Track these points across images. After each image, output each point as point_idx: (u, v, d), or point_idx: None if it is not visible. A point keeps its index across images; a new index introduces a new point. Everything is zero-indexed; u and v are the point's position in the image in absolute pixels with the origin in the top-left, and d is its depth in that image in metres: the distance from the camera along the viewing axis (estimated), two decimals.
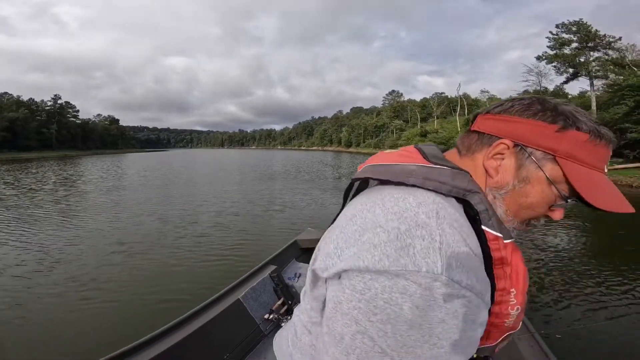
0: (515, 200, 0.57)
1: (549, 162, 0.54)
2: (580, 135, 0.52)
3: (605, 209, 0.52)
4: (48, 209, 9.68)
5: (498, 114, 0.57)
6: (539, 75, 34.62)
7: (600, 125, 0.54)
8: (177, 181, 17.82)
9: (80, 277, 4.76)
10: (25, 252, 5.82)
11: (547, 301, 4.17)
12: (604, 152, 0.54)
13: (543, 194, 0.55)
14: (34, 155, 55.03)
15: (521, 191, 0.56)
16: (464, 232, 0.49)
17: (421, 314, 0.43)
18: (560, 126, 0.53)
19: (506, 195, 0.57)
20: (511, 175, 0.56)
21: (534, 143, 0.54)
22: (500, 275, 0.54)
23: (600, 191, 0.53)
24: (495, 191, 0.58)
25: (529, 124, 0.54)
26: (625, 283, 4.63)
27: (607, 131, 0.54)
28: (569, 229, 7.69)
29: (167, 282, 4.62)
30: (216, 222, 8.10)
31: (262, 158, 51.68)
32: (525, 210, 0.57)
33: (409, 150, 0.63)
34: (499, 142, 0.56)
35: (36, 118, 70.46)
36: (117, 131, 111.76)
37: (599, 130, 0.53)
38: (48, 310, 3.89)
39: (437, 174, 0.55)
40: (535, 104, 0.55)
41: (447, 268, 0.44)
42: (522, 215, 0.58)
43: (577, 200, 0.55)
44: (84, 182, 17.26)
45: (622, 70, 25.01)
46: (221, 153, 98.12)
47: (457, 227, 0.48)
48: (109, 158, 52.45)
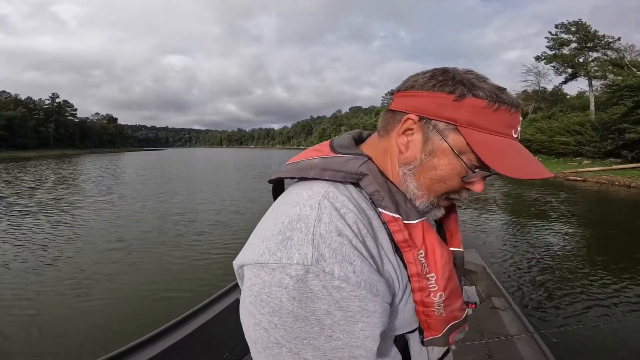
0: (425, 174, 0.55)
1: (452, 133, 0.52)
2: (477, 102, 0.50)
3: (511, 175, 0.50)
4: (48, 207, 9.61)
5: (405, 90, 0.56)
6: (538, 75, 34.60)
7: (501, 91, 0.52)
8: (176, 180, 17.77)
9: (82, 275, 4.73)
10: (25, 250, 5.78)
11: (545, 301, 4.17)
12: (507, 117, 0.52)
13: (451, 166, 0.53)
14: (32, 154, 54.77)
15: (429, 164, 0.54)
16: (350, 220, 0.48)
17: (301, 305, 0.44)
18: (458, 94, 0.51)
19: (415, 170, 0.55)
20: (419, 149, 0.55)
21: (436, 114, 0.52)
22: (410, 260, 0.53)
23: (507, 158, 0.51)
24: (405, 167, 0.56)
25: (430, 96, 0.53)
26: (625, 282, 4.64)
27: (509, 96, 0.53)
28: (567, 229, 7.70)
29: (167, 281, 4.60)
30: (216, 220, 8.09)
31: (261, 157, 51.62)
32: (438, 183, 0.55)
33: (322, 144, 0.63)
34: (405, 117, 0.55)
35: (34, 117, 70.02)
36: (115, 130, 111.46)
37: (498, 95, 0.51)
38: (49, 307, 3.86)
39: (334, 163, 0.55)
40: (437, 76, 0.54)
41: (317, 259, 0.44)
42: (436, 189, 0.56)
43: (485, 169, 0.53)
44: (84, 181, 17.22)
45: (620, 70, 25.05)
46: (219, 152, 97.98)
47: (341, 215, 0.48)
48: (107, 157, 52.36)
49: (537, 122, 29.04)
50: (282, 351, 0.45)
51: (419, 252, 0.53)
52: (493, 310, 2.36)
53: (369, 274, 0.47)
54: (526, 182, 17.10)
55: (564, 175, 18.93)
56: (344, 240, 0.46)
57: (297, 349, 0.45)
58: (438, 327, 0.57)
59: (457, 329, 0.61)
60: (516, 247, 6.40)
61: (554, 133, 25.41)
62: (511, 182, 16.78)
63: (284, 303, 0.45)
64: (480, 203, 10.70)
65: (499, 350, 2.04)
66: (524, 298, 4.22)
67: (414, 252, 0.53)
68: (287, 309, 0.44)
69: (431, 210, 0.58)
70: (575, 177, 18.20)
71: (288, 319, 0.45)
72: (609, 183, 16.14)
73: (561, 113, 29.25)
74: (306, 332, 0.45)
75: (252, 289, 0.47)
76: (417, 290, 0.54)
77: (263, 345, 0.47)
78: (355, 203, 0.52)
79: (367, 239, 0.49)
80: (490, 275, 3.01)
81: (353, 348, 0.46)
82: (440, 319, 0.56)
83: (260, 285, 0.46)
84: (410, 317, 0.56)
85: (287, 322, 0.45)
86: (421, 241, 0.53)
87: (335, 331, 0.45)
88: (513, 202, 11.38)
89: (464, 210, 9.67)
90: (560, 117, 27.57)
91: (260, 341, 0.47)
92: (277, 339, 0.45)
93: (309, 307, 0.44)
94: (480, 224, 8.11)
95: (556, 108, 31.65)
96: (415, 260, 0.53)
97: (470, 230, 7.57)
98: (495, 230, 7.68)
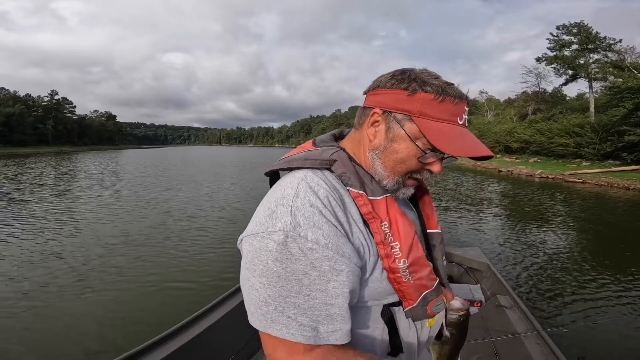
0: (389, 157, 0.66)
1: (408, 122, 0.63)
2: (427, 96, 0.61)
3: (454, 154, 0.61)
4: (50, 204, 9.54)
5: (373, 89, 0.68)
6: (538, 76, 34.69)
7: (448, 85, 0.63)
8: (178, 178, 17.71)
9: (87, 273, 4.71)
10: (24, 249, 5.74)
11: (551, 299, 4.16)
12: (451, 107, 0.62)
13: (409, 149, 0.64)
14: (31, 151, 54.55)
15: (391, 149, 0.65)
16: (321, 195, 0.59)
17: (283, 266, 0.54)
18: (410, 90, 0.62)
19: (380, 154, 0.66)
20: (382, 137, 0.66)
21: (395, 108, 0.64)
22: (375, 229, 0.62)
23: (453, 140, 0.61)
24: (372, 152, 0.68)
25: (390, 93, 0.64)
26: (633, 281, 4.64)
27: (454, 89, 0.63)
28: (569, 229, 7.70)
29: (171, 283, 4.57)
30: (217, 219, 8.06)
31: (261, 156, 51.52)
32: (399, 164, 0.66)
33: (307, 142, 0.75)
34: (372, 111, 0.67)
35: (33, 113, 69.55)
36: (113, 127, 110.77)
37: (444, 89, 0.62)
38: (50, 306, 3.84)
39: (313, 154, 0.67)
40: (396, 76, 0.65)
41: (294, 226, 0.55)
42: (398, 170, 0.66)
43: (436, 151, 0.63)
44: (85, 178, 17.10)
45: (621, 72, 25.05)
46: (218, 150, 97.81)
47: (313, 194, 0.58)
48: (106, 154, 52.18)
49: (537, 123, 29.09)
50: (269, 309, 0.55)
51: (383, 223, 0.62)
52: (499, 308, 2.35)
53: (336, 238, 0.56)
54: (525, 183, 17.13)
55: (563, 176, 18.95)
56: (314, 210, 0.56)
57: (281, 307, 0.55)
58: (412, 295, 0.66)
59: (433, 300, 0.68)
60: (520, 245, 6.41)
61: (554, 134, 25.44)
62: (511, 184, 16.78)
63: (269, 265, 0.55)
64: (483, 204, 10.70)
65: (506, 348, 2.02)
66: (530, 296, 4.21)
67: (377, 223, 0.62)
68: (272, 269, 0.55)
69: (399, 189, 0.69)
70: (574, 178, 18.21)
71: (273, 279, 0.55)
72: (608, 185, 16.16)
73: (561, 115, 29.27)
74: (288, 291, 0.54)
75: (247, 257, 0.58)
76: (384, 257, 0.62)
77: (255, 305, 0.57)
78: (329, 183, 0.62)
79: (337, 210, 0.59)
80: (495, 273, 3.00)
81: (328, 306, 0.56)
82: (410, 285, 0.64)
83: (252, 252, 0.57)
84: (387, 286, 0.65)
85: (273, 282, 0.55)
86: (385, 214, 0.63)
87: (312, 290, 0.55)
88: (515, 203, 11.39)
89: (469, 209, 9.73)
90: (559, 119, 27.58)
91: (253, 302, 0.57)
92: (265, 298, 0.55)
93: (289, 267, 0.54)
94: (484, 224, 8.13)
95: (556, 110, 31.67)
96: (379, 229, 0.62)
97: (474, 229, 7.58)
98: (498, 229, 7.70)
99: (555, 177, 19.30)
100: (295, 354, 0.56)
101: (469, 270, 3.28)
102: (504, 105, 45.95)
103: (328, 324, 0.56)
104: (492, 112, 42.01)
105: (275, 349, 0.57)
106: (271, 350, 0.58)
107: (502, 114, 40.17)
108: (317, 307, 0.55)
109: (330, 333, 0.56)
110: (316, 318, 0.55)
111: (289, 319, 0.55)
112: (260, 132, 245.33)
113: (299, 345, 0.55)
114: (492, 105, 45.17)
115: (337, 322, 0.57)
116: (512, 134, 30.27)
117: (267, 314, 0.55)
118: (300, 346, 0.56)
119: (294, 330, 0.55)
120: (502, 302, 2.37)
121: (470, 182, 17.27)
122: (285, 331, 0.55)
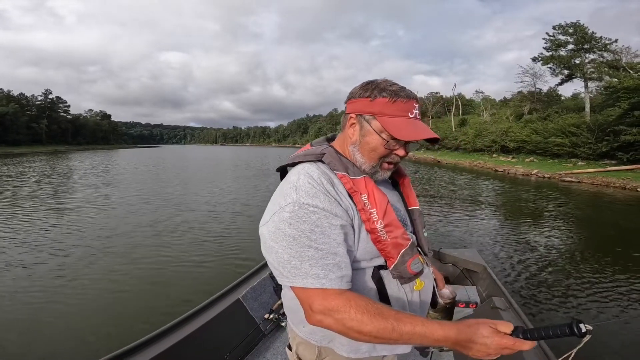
0: (364, 148, 0.88)
1: (373, 120, 0.85)
2: (383, 100, 0.83)
3: (407, 139, 0.82)
4: (44, 204, 9.36)
5: (350, 99, 0.90)
6: (534, 76, 34.72)
7: (401, 89, 0.84)
8: (174, 178, 17.51)
9: (83, 271, 4.59)
10: (25, 246, 5.58)
11: (546, 301, 4.14)
12: (403, 105, 0.83)
13: (377, 141, 0.85)
14: (25, 150, 54.05)
15: (365, 142, 0.87)
16: (316, 177, 0.81)
17: (295, 228, 0.74)
18: (372, 97, 0.84)
19: (358, 147, 0.88)
20: (358, 134, 0.88)
21: (364, 111, 0.86)
22: (357, 200, 0.82)
23: (405, 129, 0.82)
24: (352, 146, 0.90)
25: (359, 101, 0.87)
26: (626, 283, 4.62)
27: (405, 91, 0.85)
28: (565, 230, 7.63)
29: (167, 281, 4.56)
30: (215, 220, 7.94)
31: (257, 155, 51.38)
32: (372, 152, 0.87)
33: (308, 144, 0.99)
34: (349, 116, 0.90)
35: (26, 113, 68.89)
36: (108, 127, 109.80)
37: (397, 92, 0.83)
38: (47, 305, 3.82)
39: (310, 151, 0.92)
40: (364, 87, 0.87)
41: (299, 197, 0.77)
42: (373, 156, 0.88)
43: (395, 139, 0.83)
44: (81, 177, 16.90)
45: (616, 72, 25.09)
46: (214, 150, 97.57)
47: (310, 177, 0.81)
48: (100, 154, 51.79)
49: (533, 123, 29.09)
50: (290, 265, 0.74)
51: (362, 195, 0.83)
52: (494, 310, 2.31)
53: (329, 204, 0.78)
54: (522, 183, 17.11)
55: (559, 176, 18.93)
56: (312, 186, 0.79)
57: (299, 261, 0.74)
58: (392, 253, 0.84)
59: (411, 258, 0.86)
60: (516, 247, 6.38)
61: (550, 134, 25.43)
62: (509, 184, 16.74)
63: (286, 230, 0.75)
64: (480, 204, 10.61)
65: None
66: (525, 298, 4.21)
67: (358, 195, 0.83)
68: (288, 233, 0.75)
69: (377, 172, 0.90)
70: (570, 178, 18.20)
71: (290, 240, 0.74)
72: (604, 185, 16.15)
73: (556, 114, 29.30)
74: (301, 246, 0.74)
75: (271, 230, 0.78)
76: (365, 221, 0.82)
77: (280, 264, 0.76)
78: (320, 170, 0.84)
79: (327, 186, 0.80)
80: (490, 275, 2.99)
81: (333, 255, 0.75)
82: (389, 243, 0.83)
83: (274, 225, 0.77)
84: (372, 247, 0.84)
85: (290, 243, 0.74)
86: (364, 188, 0.83)
87: (319, 243, 0.74)
88: (511, 203, 11.30)
89: (465, 210, 9.69)
90: (555, 119, 27.61)
91: (280, 264, 0.76)
92: (287, 257, 0.75)
93: (299, 227, 0.74)
94: (480, 225, 8.07)
95: (551, 109, 31.72)
96: (360, 200, 0.82)
97: (470, 230, 7.52)
98: (494, 230, 7.64)
99: (552, 177, 19.29)
100: (325, 299, 0.72)
101: (465, 272, 3.25)
102: (499, 104, 46.06)
103: (337, 270, 0.74)
104: (488, 112, 42.04)
105: (309, 297, 0.74)
106: (306, 301, 0.75)
107: (498, 114, 40.22)
108: (325, 257, 0.74)
109: (341, 278, 0.74)
110: (326, 267, 0.73)
111: (306, 271, 0.73)
112: (256, 131, 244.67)
113: (329, 290, 0.73)
114: (488, 105, 45.25)
115: (343, 269, 0.76)
116: (508, 134, 30.27)
117: (291, 269, 0.74)
118: (330, 291, 0.73)
119: (312, 279, 0.73)
120: (497, 303, 2.36)
121: (467, 181, 17.24)
122: (310, 281, 0.73)
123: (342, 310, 0.71)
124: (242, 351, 2.10)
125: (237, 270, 4.78)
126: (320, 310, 0.73)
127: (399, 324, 0.70)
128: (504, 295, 2.58)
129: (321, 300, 0.72)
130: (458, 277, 3.30)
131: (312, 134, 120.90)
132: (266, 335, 2.32)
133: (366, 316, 0.70)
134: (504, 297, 2.54)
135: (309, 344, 0.93)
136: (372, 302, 0.74)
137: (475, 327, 0.71)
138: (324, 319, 0.73)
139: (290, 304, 0.94)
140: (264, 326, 2.33)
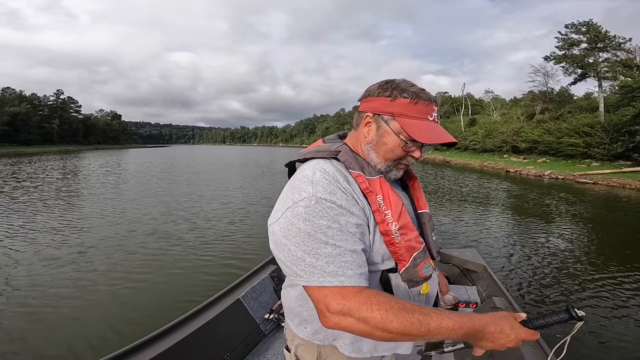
0: (380, 148, 0.85)
1: (392, 121, 0.82)
2: (404, 101, 0.81)
3: (425, 142, 0.80)
4: (54, 201, 9.40)
5: (365, 97, 0.88)
6: (546, 75, 34.13)
7: (421, 91, 0.82)
8: (182, 177, 17.57)
9: (88, 270, 4.55)
10: (28, 244, 5.59)
11: (546, 301, 4.10)
12: (423, 108, 0.81)
13: (395, 142, 0.83)
14: (36, 150, 54.90)
15: (381, 142, 0.84)
16: (331, 174, 0.77)
17: (310, 223, 0.70)
18: (393, 97, 0.81)
19: (374, 146, 0.86)
20: (374, 134, 0.85)
21: (382, 111, 0.83)
22: (372, 200, 0.80)
23: (425, 132, 0.80)
24: (367, 145, 0.87)
25: (378, 100, 0.84)
26: (628, 284, 4.55)
27: (426, 94, 0.82)
28: (572, 231, 7.42)
29: (167, 280, 4.53)
30: (216, 220, 7.90)
31: (264, 155, 51.50)
32: (389, 153, 0.84)
33: (319, 140, 0.96)
34: (365, 115, 0.87)
35: (38, 113, 70.06)
36: (119, 127, 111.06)
37: (418, 94, 0.81)
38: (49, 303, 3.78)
39: (323, 147, 0.88)
40: (382, 86, 0.84)
41: (315, 192, 0.73)
42: (389, 157, 0.85)
43: (413, 141, 0.81)
44: (95, 176, 17.04)
45: (630, 71, 24.52)
46: (223, 150, 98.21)
47: (326, 173, 0.77)
48: (111, 153, 52.40)
49: (545, 123, 28.61)
50: (305, 262, 0.69)
51: (377, 196, 0.80)
52: (494, 309, 2.28)
53: (347, 201, 0.75)
54: (535, 184, 16.81)
55: (573, 177, 18.56)
56: (329, 182, 0.75)
57: (314, 259, 0.69)
58: (404, 256, 0.81)
59: (422, 262, 0.84)
60: (517, 247, 6.29)
61: (563, 134, 24.96)
62: (520, 185, 16.46)
63: (300, 226, 0.70)
64: (484, 203, 10.42)
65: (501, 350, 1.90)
66: (525, 298, 4.18)
67: (373, 196, 0.80)
68: (302, 229, 0.70)
69: (390, 172, 0.87)
70: (585, 179, 17.83)
71: (305, 237, 0.70)
72: (620, 186, 15.80)
73: (569, 114, 28.77)
74: (317, 242, 0.69)
75: (282, 226, 0.73)
76: (380, 222, 0.80)
77: (293, 262, 0.71)
78: (336, 167, 0.81)
79: (343, 183, 0.77)
80: (491, 275, 2.99)
81: (351, 252, 0.71)
82: (402, 246, 0.80)
83: (286, 222, 0.73)
84: (385, 250, 0.81)
85: (305, 240, 0.70)
86: (379, 189, 0.81)
87: (336, 240, 0.70)
88: (520, 203, 11.08)
89: (467, 209, 9.56)
90: (568, 119, 27.10)
91: (291, 262, 0.71)
92: (301, 255, 0.70)
93: (315, 223, 0.70)
94: (481, 224, 7.96)
95: (564, 109, 31.16)
96: (375, 200, 0.80)
97: (471, 230, 7.41)
98: (496, 230, 7.53)
99: (565, 178, 18.92)
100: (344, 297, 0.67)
101: (466, 272, 3.25)
102: (510, 104, 45.46)
103: (356, 268, 0.70)
104: (498, 112, 41.51)
105: (326, 297, 0.68)
106: (322, 301, 0.69)
107: (508, 114, 39.68)
108: (342, 254, 0.70)
109: (360, 275, 0.70)
110: (344, 264, 0.69)
111: (322, 269, 0.68)
112: (264, 131, 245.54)
113: (349, 288, 0.68)
114: (498, 105, 44.69)
115: (361, 267, 0.72)
116: (519, 134, 29.81)
117: (305, 267, 0.69)
118: (350, 289, 0.68)
119: (330, 277, 0.68)
120: (497, 303, 2.37)
121: (477, 182, 16.98)
122: (328, 279, 0.68)
123: (364, 308, 0.66)
124: (242, 351, 2.12)
125: (238, 270, 4.76)
126: (339, 310, 0.67)
127: (425, 317, 0.66)
128: (504, 295, 2.60)
129: (340, 299, 0.67)
130: (458, 277, 3.31)
131: (319, 134, 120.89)
132: (266, 335, 2.34)
133: (391, 312, 0.66)
134: (504, 297, 2.56)
135: (310, 346, 0.90)
136: (394, 298, 0.70)
137: (504, 319, 0.72)
138: (343, 319, 0.67)
139: (291, 305, 0.92)
140: (264, 326, 2.35)
